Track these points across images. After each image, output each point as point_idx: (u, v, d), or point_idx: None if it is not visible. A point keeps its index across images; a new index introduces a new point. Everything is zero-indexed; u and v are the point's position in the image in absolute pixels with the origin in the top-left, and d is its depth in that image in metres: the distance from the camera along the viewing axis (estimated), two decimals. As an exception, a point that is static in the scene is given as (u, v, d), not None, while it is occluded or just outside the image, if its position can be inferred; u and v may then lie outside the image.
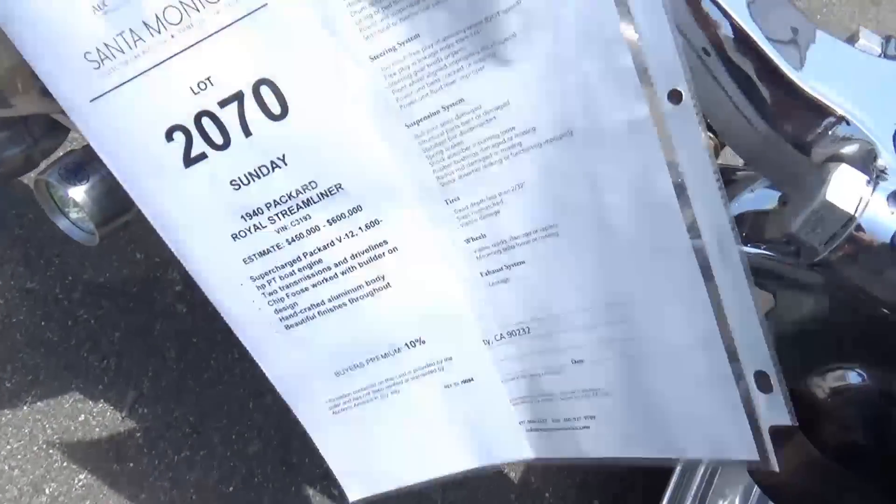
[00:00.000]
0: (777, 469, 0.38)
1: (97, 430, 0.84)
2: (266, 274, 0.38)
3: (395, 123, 0.35)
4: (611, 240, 0.36)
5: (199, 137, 0.35)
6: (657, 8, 0.31)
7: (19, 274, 0.91)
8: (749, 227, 0.45)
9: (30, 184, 0.94)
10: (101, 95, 0.34)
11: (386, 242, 0.38)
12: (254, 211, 0.37)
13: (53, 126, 0.63)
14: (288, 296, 0.39)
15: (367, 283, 0.39)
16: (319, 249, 0.38)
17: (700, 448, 0.39)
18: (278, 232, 0.37)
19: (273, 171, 0.35)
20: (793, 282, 0.42)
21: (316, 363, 0.42)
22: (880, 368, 0.40)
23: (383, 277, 0.39)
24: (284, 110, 0.34)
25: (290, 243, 0.38)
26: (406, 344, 0.41)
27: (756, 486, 0.81)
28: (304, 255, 0.38)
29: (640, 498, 0.88)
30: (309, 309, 0.40)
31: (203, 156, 0.35)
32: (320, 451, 0.45)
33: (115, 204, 0.61)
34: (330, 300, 0.39)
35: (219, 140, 0.35)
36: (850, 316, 0.39)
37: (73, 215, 0.63)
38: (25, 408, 0.83)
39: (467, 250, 0.39)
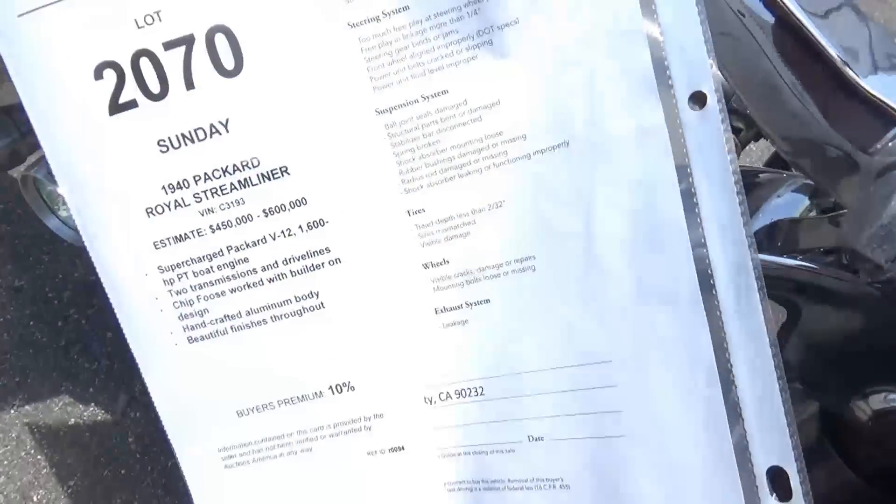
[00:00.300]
0: None
1: (87, 434, 0.81)
2: (178, 266, 0.32)
3: (363, 106, 0.30)
4: (599, 279, 0.30)
5: (132, 80, 0.29)
6: (686, -3, 0.27)
7: (7, 272, 0.87)
8: (784, 236, 0.42)
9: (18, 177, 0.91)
10: (31, 11, 0.29)
11: (328, 251, 0.31)
12: (178, 183, 0.31)
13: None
14: (199, 299, 0.32)
15: (297, 299, 0.32)
16: (248, 245, 0.31)
17: None
18: (202, 214, 0.31)
19: (211, 136, 0.30)
20: (829, 296, 0.39)
21: (216, 394, 0.33)
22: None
23: (317, 294, 0.32)
24: (238, 66, 0.29)
25: (213, 231, 0.31)
26: (331, 387, 0.33)
27: None
28: (229, 248, 0.31)
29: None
30: (221, 321, 0.32)
31: (133, 103, 0.30)
32: None
33: (107, 202, 0.58)
34: (248, 313, 0.32)
35: (155, 88, 0.29)
36: (898, 334, 0.36)
37: (63, 213, 0.60)
38: (13, 411, 0.80)
39: (423, 277, 0.32)
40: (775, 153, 0.64)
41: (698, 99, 0.27)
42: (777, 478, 0.28)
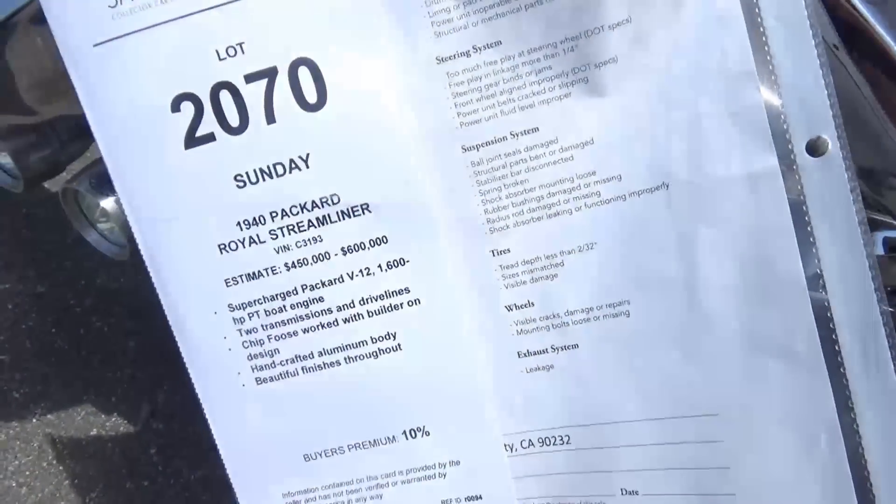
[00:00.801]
0: None
1: (109, 445, 0.80)
2: (249, 304, 0.31)
3: (449, 143, 0.29)
4: (702, 327, 0.28)
5: (210, 113, 0.29)
6: (803, 37, 0.26)
7: (29, 278, 0.87)
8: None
9: (44, 183, 0.90)
10: (108, 41, 0.28)
11: (408, 291, 0.30)
12: (254, 219, 0.30)
13: (80, 129, 0.59)
14: (270, 339, 0.31)
15: (374, 340, 0.31)
16: (324, 284, 0.30)
17: None
18: (278, 252, 0.30)
19: (290, 171, 0.29)
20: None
21: (283, 437, 0.32)
22: None
23: (394, 336, 0.31)
24: (321, 100, 0.28)
25: (288, 269, 0.30)
26: (405, 432, 0.32)
27: None
28: (304, 287, 0.31)
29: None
30: (292, 361, 0.31)
31: (210, 137, 0.29)
32: None
33: (148, 216, 0.57)
34: (321, 354, 0.31)
35: (234, 121, 0.29)
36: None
37: (103, 227, 0.59)
38: (34, 420, 0.79)
39: (506, 320, 0.31)
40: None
41: (817, 145, 0.26)
42: None
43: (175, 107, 0.29)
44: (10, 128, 0.56)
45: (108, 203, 0.53)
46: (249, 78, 0.28)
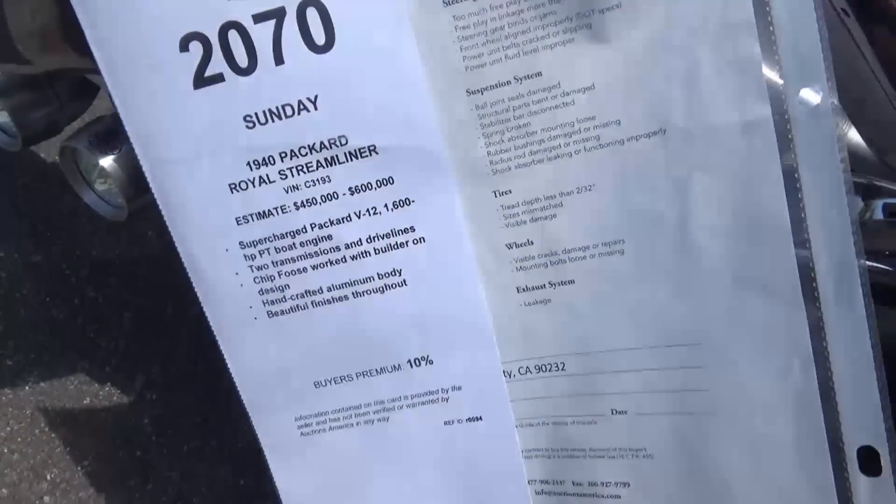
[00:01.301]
0: None
1: (103, 415, 0.79)
2: (260, 242, 0.32)
3: (455, 86, 0.30)
4: (691, 265, 0.30)
5: (219, 53, 0.29)
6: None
7: (24, 247, 0.86)
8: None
9: (38, 150, 0.90)
10: None
11: (413, 229, 0.32)
12: (264, 159, 0.30)
13: (81, 88, 0.59)
14: (280, 274, 0.32)
15: (380, 276, 0.32)
16: (332, 223, 0.32)
17: None
18: (287, 191, 0.31)
19: (299, 112, 0.30)
20: (891, 300, 0.39)
21: (294, 366, 0.34)
22: None
23: (400, 272, 0.32)
24: (329, 41, 0.28)
25: (298, 208, 0.31)
26: (410, 361, 0.34)
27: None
28: (313, 226, 0.32)
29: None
30: (301, 296, 0.33)
31: (219, 77, 0.29)
32: (276, 482, 0.37)
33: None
34: (330, 289, 0.32)
35: (243, 62, 0.29)
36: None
37: (101, 187, 0.59)
38: (27, 388, 0.78)
39: (507, 257, 0.32)
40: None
41: (809, 96, 0.27)
42: (867, 456, 0.28)
43: (183, 46, 0.29)
44: (8, 83, 0.55)
45: (106, 162, 0.53)
46: (258, 18, 0.28)
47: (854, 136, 0.53)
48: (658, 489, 0.33)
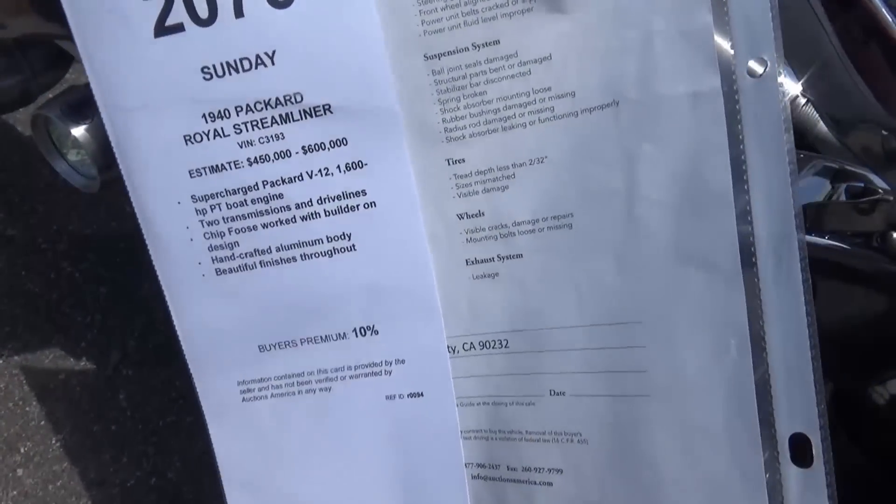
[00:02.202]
0: None
1: (78, 389, 0.79)
2: (212, 196, 0.32)
3: (412, 51, 0.30)
4: (636, 240, 0.29)
5: (180, 3, 0.29)
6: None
7: (-1, 220, 0.85)
8: (811, 220, 0.43)
9: (16, 123, 0.89)
10: None
11: (364, 193, 0.31)
12: (219, 112, 0.30)
13: (55, 58, 0.58)
14: (230, 231, 0.32)
15: (329, 239, 0.32)
16: (284, 181, 0.31)
17: None
18: (241, 146, 0.31)
19: (256, 67, 0.29)
20: (855, 277, 0.39)
21: (240, 327, 0.34)
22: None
23: (349, 236, 0.32)
24: None
25: (251, 164, 0.31)
26: (355, 330, 0.33)
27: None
28: (265, 183, 0.31)
29: None
30: (250, 255, 0.33)
31: (180, 27, 0.29)
32: (213, 444, 0.36)
33: (121, 147, 0.56)
34: (279, 249, 0.32)
35: (203, 13, 0.29)
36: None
37: (73, 157, 0.58)
38: (1, 361, 0.78)
39: (457, 228, 0.32)
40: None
41: (757, 66, 0.27)
42: (799, 445, 0.28)
43: None
44: (-20, 50, 0.54)
45: (79, 132, 0.52)
46: None
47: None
48: (590, 476, 0.32)
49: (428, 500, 0.35)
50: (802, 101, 0.56)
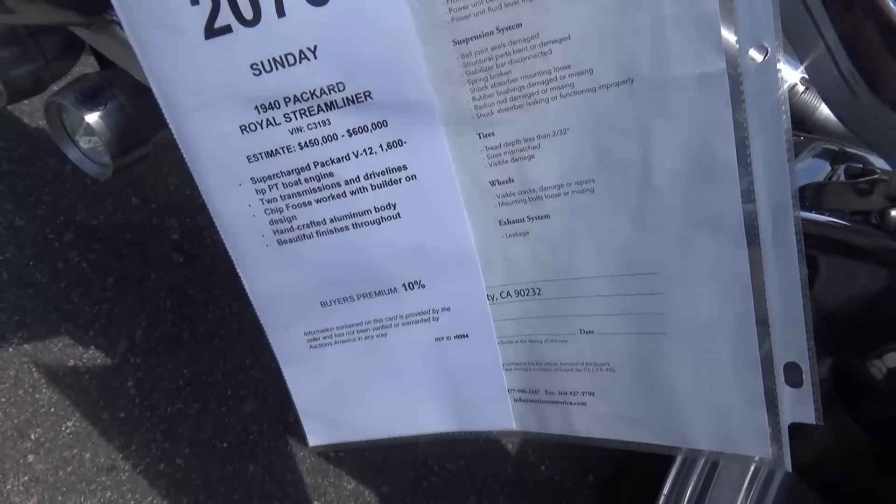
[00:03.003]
0: (790, 469, 0.35)
1: (87, 377, 0.80)
2: (269, 178, 0.36)
3: (442, 37, 0.32)
4: (651, 203, 0.33)
5: (226, 7, 0.32)
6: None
7: (7, 210, 0.86)
8: (810, 200, 0.44)
9: (22, 115, 0.89)
10: None
11: (405, 168, 0.35)
12: (270, 104, 0.34)
13: (67, 46, 0.59)
14: (287, 207, 0.36)
15: (376, 209, 0.36)
16: (333, 161, 0.35)
17: (707, 439, 0.36)
18: (292, 133, 0.34)
19: (300, 61, 0.32)
20: (854, 253, 0.40)
21: (303, 288, 0.39)
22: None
23: (394, 206, 0.36)
24: None
25: (302, 148, 0.35)
26: (404, 285, 0.38)
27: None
28: (315, 164, 0.35)
29: (637, 476, 0.88)
30: (307, 226, 0.37)
31: (228, 29, 0.32)
32: (289, 386, 0.43)
33: (133, 134, 0.57)
34: (332, 220, 0.36)
35: (248, 15, 0.32)
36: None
37: (85, 145, 0.59)
38: (11, 349, 0.79)
39: (490, 193, 0.35)
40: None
41: (759, 51, 0.29)
42: (792, 371, 0.33)
43: (194, 1, 0.32)
44: (-6, 38, 0.55)
45: (92, 118, 0.53)
46: None
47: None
48: (618, 398, 0.37)
49: (478, 420, 0.41)
50: (802, 88, 0.57)
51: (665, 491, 0.78)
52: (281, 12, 0.31)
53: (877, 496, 0.47)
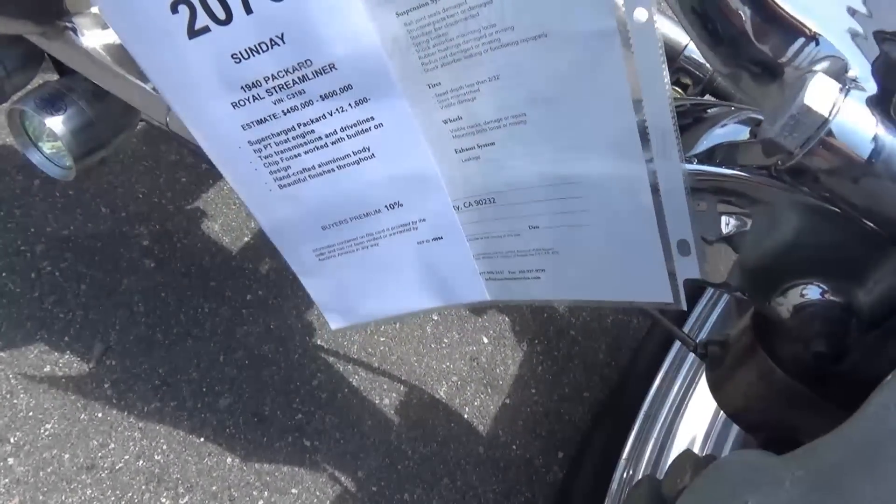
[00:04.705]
0: (685, 308, 0.46)
1: (63, 381, 0.82)
2: (263, 140, 0.43)
3: (387, 12, 0.38)
4: (570, 129, 0.40)
5: (202, 11, 0.37)
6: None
7: (-22, 225, 0.88)
8: (723, 156, 0.48)
9: (-10, 131, 0.91)
10: None
11: (372, 119, 0.42)
12: (252, 83, 0.40)
13: (27, 58, 0.61)
14: (282, 160, 0.44)
15: (354, 153, 0.44)
16: (312, 121, 0.42)
17: (627, 293, 0.47)
18: (275, 103, 0.41)
19: (272, 47, 0.38)
20: (768, 204, 0.44)
21: (305, 218, 0.48)
22: (842, 281, 0.42)
23: (368, 149, 0.43)
24: None
25: (285, 114, 0.42)
26: (385, 206, 0.47)
27: (718, 419, 0.85)
28: (298, 125, 0.42)
29: (600, 446, 0.91)
30: (300, 172, 0.45)
31: (206, 29, 0.38)
32: (307, 289, 0.53)
33: (93, 137, 0.60)
34: (319, 166, 0.44)
35: (221, 15, 0.37)
36: (817, 232, 0.42)
37: (48, 149, 0.62)
38: (-13, 358, 0.81)
39: (444, 130, 0.43)
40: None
41: (639, 14, 0.35)
42: (682, 245, 0.43)
43: (174, 9, 0.38)
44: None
45: (54, 123, 0.56)
46: None
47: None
48: (562, 271, 0.48)
49: (459, 296, 0.52)
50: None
51: (625, 455, 0.82)
52: (248, 10, 0.37)
53: (803, 434, 0.51)
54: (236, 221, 1.02)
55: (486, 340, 1.04)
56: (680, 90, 0.75)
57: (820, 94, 0.34)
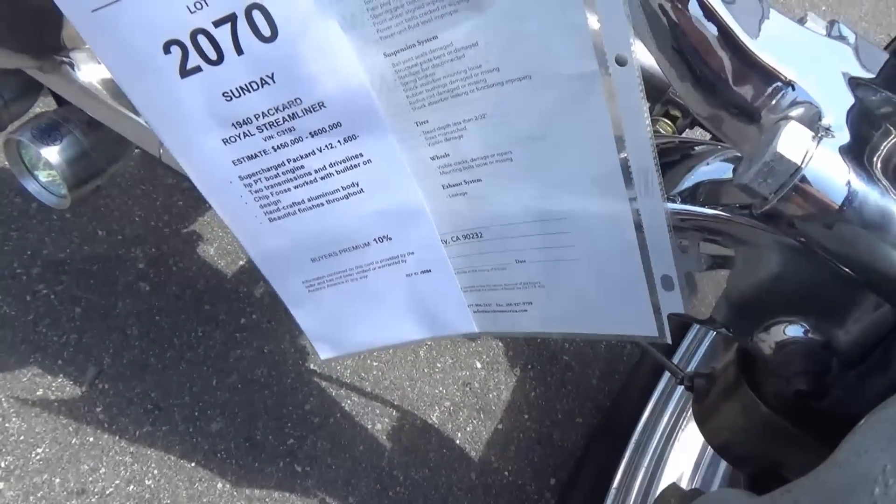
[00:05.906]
0: (669, 341, 0.47)
1: (56, 404, 0.83)
2: (253, 175, 0.44)
3: (375, 52, 0.39)
4: (555, 167, 0.41)
5: (194, 52, 0.38)
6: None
7: (-25, 248, 0.89)
8: (706, 194, 0.49)
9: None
10: (102, 7, 0.36)
11: (361, 155, 0.43)
12: (243, 120, 0.41)
13: (25, 88, 0.63)
14: (272, 194, 0.45)
15: (343, 188, 0.45)
16: (302, 157, 0.43)
17: (613, 327, 0.48)
18: (265, 140, 0.42)
19: (262, 86, 0.39)
20: (749, 244, 0.45)
21: (295, 250, 0.49)
22: (822, 320, 0.43)
23: (357, 184, 0.44)
24: (274, 34, 0.37)
25: (275, 150, 0.42)
26: (374, 239, 0.48)
27: (708, 450, 0.85)
28: (288, 160, 0.43)
29: (592, 477, 0.91)
30: (290, 206, 0.45)
31: (198, 69, 0.38)
32: (296, 319, 0.54)
33: (88, 167, 0.61)
34: (309, 200, 0.45)
35: (213, 56, 0.38)
36: (796, 272, 0.42)
37: (44, 178, 0.63)
38: (-20, 382, 0.81)
39: (432, 166, 0.44)
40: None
41: (621, 59, 0.36)
42: (666, 280, 0.44)
43: (166, 50, 0.38)
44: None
45: (49, 153, 0.57)
46: (217, 23, 0.37)
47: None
48: (548, 304, 0.49)
49: (447, 328, 0.53)
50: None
51: (615, 484, 0.82)
52: (239, 51, 0.38)
53: (787, 469, 0.51)
54: (232, 245, 1.03)
55: (479, 365, 1.04)
56: (670, 122, 0.76)
57: (793, 142, 0.34)
